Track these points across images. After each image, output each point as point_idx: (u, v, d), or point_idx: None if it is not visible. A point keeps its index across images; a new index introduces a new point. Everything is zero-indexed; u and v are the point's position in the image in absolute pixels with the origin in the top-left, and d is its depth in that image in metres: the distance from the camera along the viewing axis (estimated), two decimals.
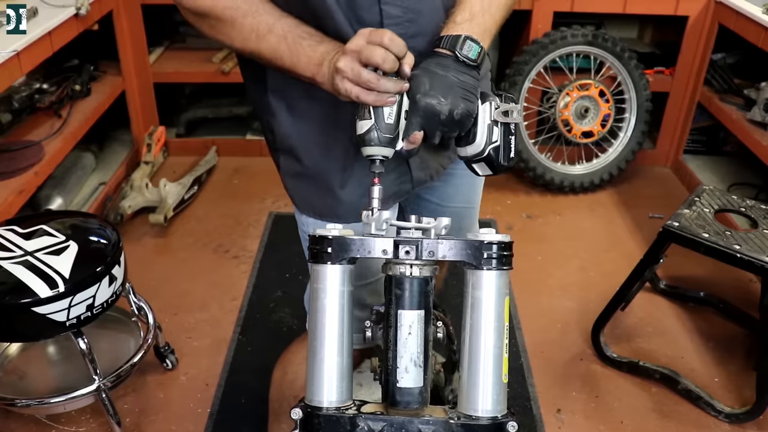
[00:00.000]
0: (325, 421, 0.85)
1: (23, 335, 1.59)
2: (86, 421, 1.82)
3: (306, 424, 0.86)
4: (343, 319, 0.88)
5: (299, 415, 0.86)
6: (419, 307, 0.87)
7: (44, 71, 2.59)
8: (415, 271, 0.86)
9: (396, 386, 0.87)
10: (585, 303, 2.28)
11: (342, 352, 0.87)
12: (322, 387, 0.87)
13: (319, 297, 0.88)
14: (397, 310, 0.87)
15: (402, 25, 1.00)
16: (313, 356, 0.88)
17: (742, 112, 2.65)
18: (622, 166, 3.00)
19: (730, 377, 2.02)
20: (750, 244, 1.77)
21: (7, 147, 2.21)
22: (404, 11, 1.00)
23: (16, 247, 1.54)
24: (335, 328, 0.87)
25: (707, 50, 2.86)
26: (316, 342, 0.88)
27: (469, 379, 0.87)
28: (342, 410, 0.86)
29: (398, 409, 0.87)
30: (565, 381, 2.01)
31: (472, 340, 0.87)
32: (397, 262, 0.87)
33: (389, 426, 0.85)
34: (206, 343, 2.09)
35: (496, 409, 0.86)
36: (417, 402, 0.87)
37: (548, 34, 2.81)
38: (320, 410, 0.86)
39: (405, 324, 0.87)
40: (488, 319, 0.87)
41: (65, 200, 2.54)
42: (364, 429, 0.84)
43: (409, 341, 0.87)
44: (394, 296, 0.87)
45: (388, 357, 0.88)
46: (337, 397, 0.87)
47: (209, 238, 2.59)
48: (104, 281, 1.54)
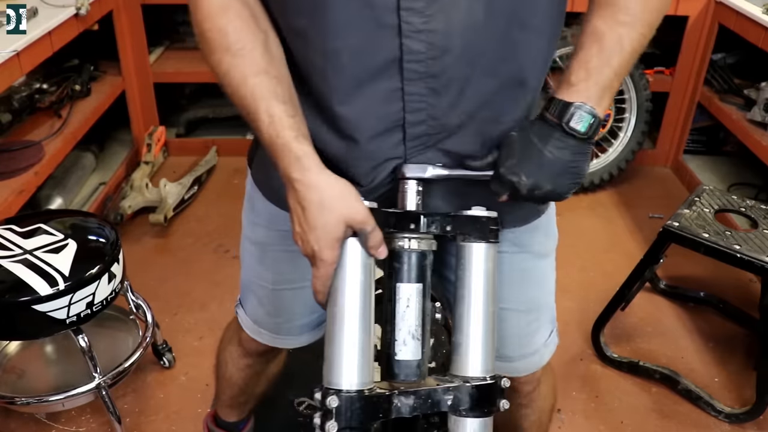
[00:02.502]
0: (365, 403, 0.81)
1: (23, 333, 1.59)
2: (86, 421, 1.82)
3: (343, 409, 0.80)
4: (368, 298, 0.85)
5: (337, 403, 0.80)
6: (417, 281, 0.88)
7: (44, 71, 2.59)
8: (413, 244, 0.87)
9: (394, 359, 0.87)
10: (585, 303, 2.28)
11: (368, 332, 0.85)
12: (353, 369, 0.83)
13: (343, 273, 0.84)
14: (395, 283, 0.87)
15: (425, 62, 0.84)
16: (339, 338, 0.83)
17: (742, 112, 2.65)
18: (622, 166, 3.00)
19: (730, 377, 2.02)
20: (750, 244, 1.77)
21: (7, 147, 2.21)
22: (429, 47, 0.83)
23: (15, 245, 1.54)
24: (359, 308, 0.84)
25: (707, 50, 2.86)
26: (338, 324, 0.84)
27: (467, 345, 0.89)
28: (374, 390, 0.84)
29: (397, 382, 0.88)
30: (565, 381, 2.00)
31: (467, 308, 0.90)
32: (394, 235, 0.87)
33: (417, 398, 0.85)
34: (206, 343, 2.09)
35: (489, 368, 0.90)
36: (415, 375, 0.88)
37: None
38: (359, 392, 0.82)
39: (403, 297, 0.87)
40: (479, 285, 0.90)
41: (65, 200, 2.54)
42: (397, 405, 0.84)
43: (407, 314, 0.87)
44: (393, 270, 0.88)
45: (386, 330, 0.88)
46: (365, 378, 0.83)
47: (209, 238, 2.59)
48: (104, 279, 1.54)
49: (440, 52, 0.84)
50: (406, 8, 0.81)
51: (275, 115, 0.84)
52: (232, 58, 0.85)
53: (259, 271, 1.17)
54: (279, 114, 0.84)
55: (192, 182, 2.80)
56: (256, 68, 0.85)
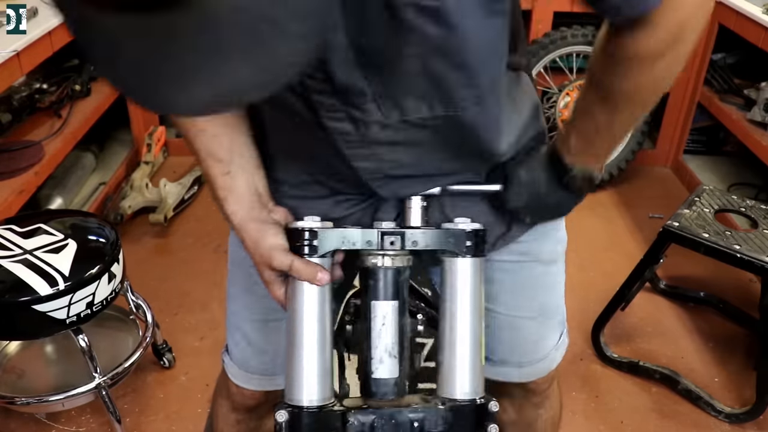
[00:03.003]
0: (314, 419, 0.82)
1: (23, 333, 1.59)
2: (86, 421, 1.82)
3: (293, 424, 0.82)
4: (324, 313, 0.85)
5: (285, 417, 0.82)
6: (393, 298, 0.86)
7: (44, 71, 2.59)
8: (387, 261, 0.85)
9: (371, 377, 0.86)
10: (585, 303, 2.28)
11: (324, 348, 0.85)
12: (307, 385, 0.84)
13: (300, 291, 0.85)
14: (371, 301, 0.86)
15: (377, 181, 0.88)
16: (294, 353, 0.85)
17: (742, 112, 2.65)
18: (622, 166, 2.99)
19: (730, 377, 2.02)
20: (750, 244, 1.77)
21: (7, 147, 2.21)
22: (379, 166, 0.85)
23: (15, 245, 1.54)
24: (315, 323, 0.85)
25: (707, 50, 2.86)
26: (296, 338, 0.85)
27: (451, 364, 0.87)
28: (329, 407, 0.84)
29: (375, 400, 0.86)
30: (565, 381, 2.00)
31: (451, 325, 0.87)
32: (369, 252, 0.86)
33: (379, 418, 0.83)
34: (206, 343, 2.09)
35: (475, 391, 0.87)
36: (393, 393, 0.86)
37: (548, 34, 2.81)
38: (307, 409, 0.83)
39: (379, 315, 0.86)
40: (465, 303, 0.87)
41: (65, 200, 2.54)
42: (354, 424, 0.83)
43: (383, 332, 0.85)
44: (368, 287, 0.86)
45: (363, 348, 0.87)
46: (322, 394, 0.85)
47: (209, 238, 2.59)
48: (104, 279, 1.54)
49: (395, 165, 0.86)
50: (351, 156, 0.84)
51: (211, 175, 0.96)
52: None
53: (248, 301, 1.14)
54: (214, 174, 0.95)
55: (192, 182, 2.80)
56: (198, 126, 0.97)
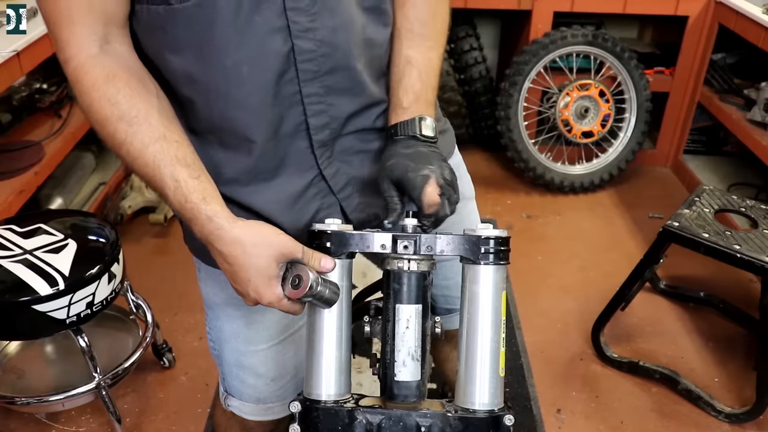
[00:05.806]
0: (323, 413, 0.85)
1: (23, 333, 1.59)
2: (86, 421, 1.82)
3: (304, 417, 0.86)
4: (342, 312, 0.88)
5: (298, 408, 0.86)
6: (417, 302, 0.87)
7: (44, 71, 2.58)
8: (413, 265, 0.87)
9: (394, 380, 0.87)
10: (585, 303, 2.28)
11: (341, 346, 0.88)
12: (321, 380, 0.87)
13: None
14: (395, 305, 0.87)
15: (316, 60, 0.90)
16: (312, 350, 0.88)
17: (742, 112, 2.65)
18: (622, 166, 3.00)
19: (730, 377, 2.02)
20: (750, 244, 1.77)
21: (7, 147, 2.21)
22: (318, 45, 0.89)
23: (15, 245, 1.54)
24: (334, 321, 0.88)
25: (707, 50, 2.86)
26: (315, 335, 0.88)
27: (467, 373, 0.87)
28: (340, 403, 0.86)
29: (396, 403, 0.88)
30: (565, 381, 2.00)
31: (469, 335, 0.87)
32: (395, 256, 0.87)
33: (387, 419, 0.85)
34: (206, 343, 2.08)
35: (492, 402, 0.87)
36: (414, 396, 0.87)
37: (548, 34, 2.81)
38: (318, 403, 0.86)
39: (403, 318, 0.87)
40: (485, 313, 0.87)
41: (65, 200, 2.54)
42: (362, 422, 0.85)
43: (407, 335, 0.87)
44: (392, 290, 0.88)
45: (386, 351, 0.88)
46: (336, 390, 0.87)
47: None
48: (104, 279, 1.54)
49: (330, 48, 0.90)
50: (291, 8, 0.86)
51: (180, 180, 0.84)
52: (128, 126, 0.84)
53: (250, 335, 1.12)
54: (184, 178, 0.84)
55: None
56: (155, 134, 0.84)
